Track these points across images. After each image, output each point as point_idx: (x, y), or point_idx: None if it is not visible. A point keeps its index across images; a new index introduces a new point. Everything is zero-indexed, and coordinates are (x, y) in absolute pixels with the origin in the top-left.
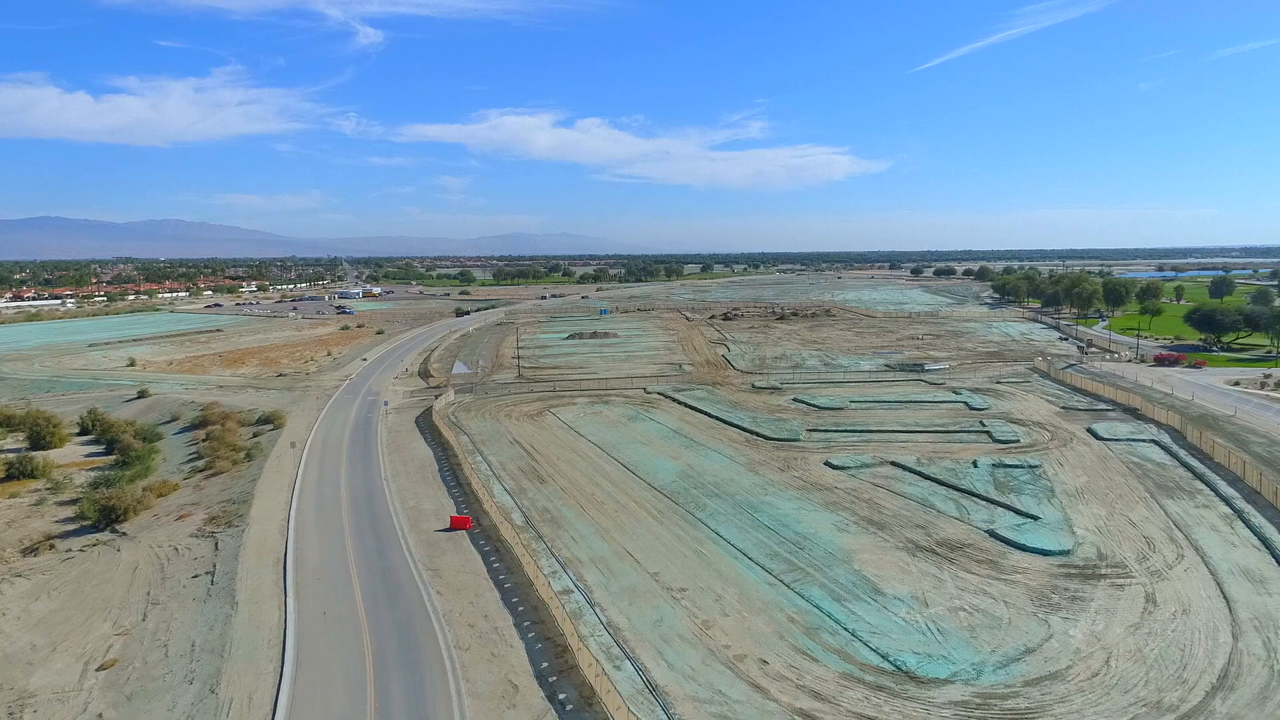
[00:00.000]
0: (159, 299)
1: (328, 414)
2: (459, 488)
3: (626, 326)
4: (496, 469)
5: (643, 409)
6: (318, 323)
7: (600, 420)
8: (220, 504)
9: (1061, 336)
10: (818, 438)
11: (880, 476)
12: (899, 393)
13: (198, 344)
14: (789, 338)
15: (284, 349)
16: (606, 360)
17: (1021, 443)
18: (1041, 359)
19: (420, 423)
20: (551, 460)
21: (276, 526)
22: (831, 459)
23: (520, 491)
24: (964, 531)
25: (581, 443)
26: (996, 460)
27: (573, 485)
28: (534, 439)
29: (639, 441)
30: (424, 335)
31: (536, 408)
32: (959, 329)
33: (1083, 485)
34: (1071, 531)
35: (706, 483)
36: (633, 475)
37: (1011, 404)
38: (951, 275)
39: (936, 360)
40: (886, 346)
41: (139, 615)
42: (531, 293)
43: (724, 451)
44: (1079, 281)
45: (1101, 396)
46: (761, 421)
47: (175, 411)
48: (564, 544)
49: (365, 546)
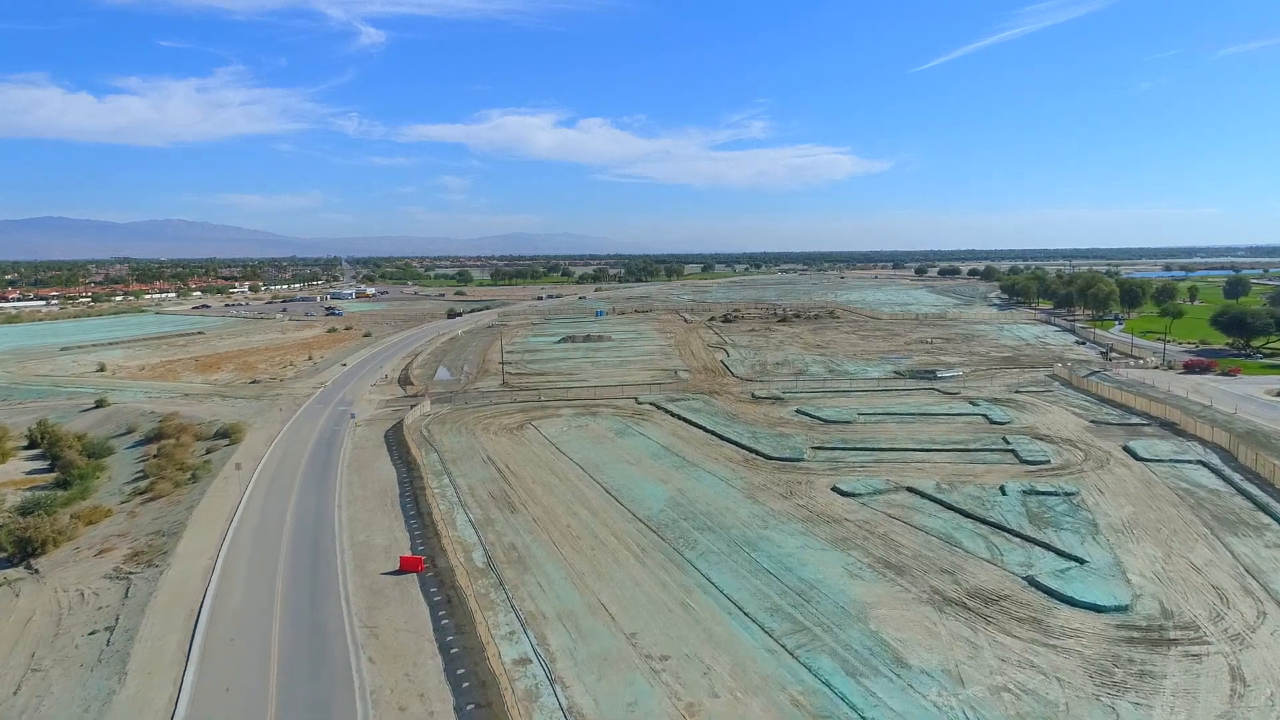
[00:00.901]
0: (146, 300)
1: (292, 427)
2: (419, 518)
3: (622, 329)
4: (464, 494)
5: (632, 422)
6: (305, 325)
7: (585, 435)
8: (148, 536)
9: (1078, 340)
10: (824, 457)
11: (896, 505)
12: (911, 404)
13: (175, 347)
14: (791, 341)
15: (264, 353)
16: (598, 366)
17: (1052, 464)
18: (1061, 365)
19: (390, 437)
20: (526, 483)
21: (201, 567)
22: (840, 483)
23: (487, 523)
24: (998, 578)
25: (562, 462)
26: (1027, 486)
27: (547, 515)
28: (510, 457)
29: (625, 461)
30: (412, 338)
31: (518, 420)
32: (969, 332)
33: (1129, 518)
34: (1126, 579)
35: (698, 512)
36: (615, 502)
37: (1035, 417)
38: (956, 275)
39: (949, 366)
40: (894, 351)
41: (11, 687)
42: (529, 293)
43: (719, 473)
44: (1094, 282)
45: (1133, 409)
46: (761, 437)
47: (132, 423)
48: (529, 593)
49: (298, 595)
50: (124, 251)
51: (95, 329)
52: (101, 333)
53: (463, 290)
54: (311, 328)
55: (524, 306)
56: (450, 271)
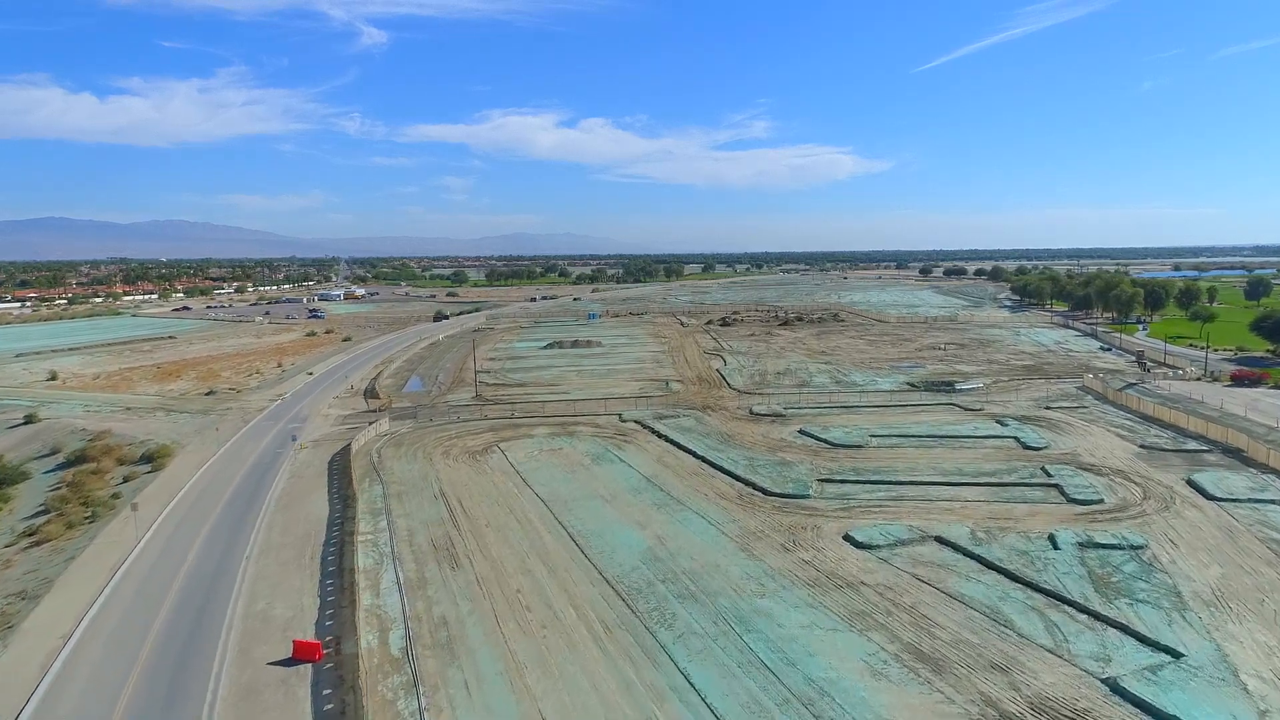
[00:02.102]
0: (125, 302)
1: (230, 449)
2: (339, 576)
3: (614, 334)
4: (400, 541)
5: (613, 445)
6: (284, 328)
7: (557, 462)
8: (6, 599)
9: (1103, 346)
10: (832, 492)
11: (924, 562)
12: (929, 423)
13: (140, 353)
14: (793, 347)
15: (233, 359)
16: (584, 375)
17: (1106, 504)
18: (1092, 376)
19: (334, 464)
20: (478, 527)
21: (47, 650)
22: (854, 531)
23: (419, 585)
24: (1069, 681)
25: (525, 498)
26: (1082, 535)
27: (495, 573)
28: (466, 490)
29: (599, 496)
30: (393, 342)
31: (484, 441)
32: (984, 336)
33: (1218, 583)
34: (1241, 684)
35: (680, 570)
36: (580, 555)
37: (1074, 440)
38: (962, 275)
39: (967, 377)
40: (906, 359)
41: None
42: (523, 294)
43: (709, 514)
44: (1115, 283)
45: (1186, 430)
46: (760, 466)
47: (59, 442)
48: (449, 699)
49: (151, 696)
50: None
51: (64, 333)
52: (68, 337)
53: (455, 291)
54: (290, 331)
55: (515, 309)
56: (446, 272)
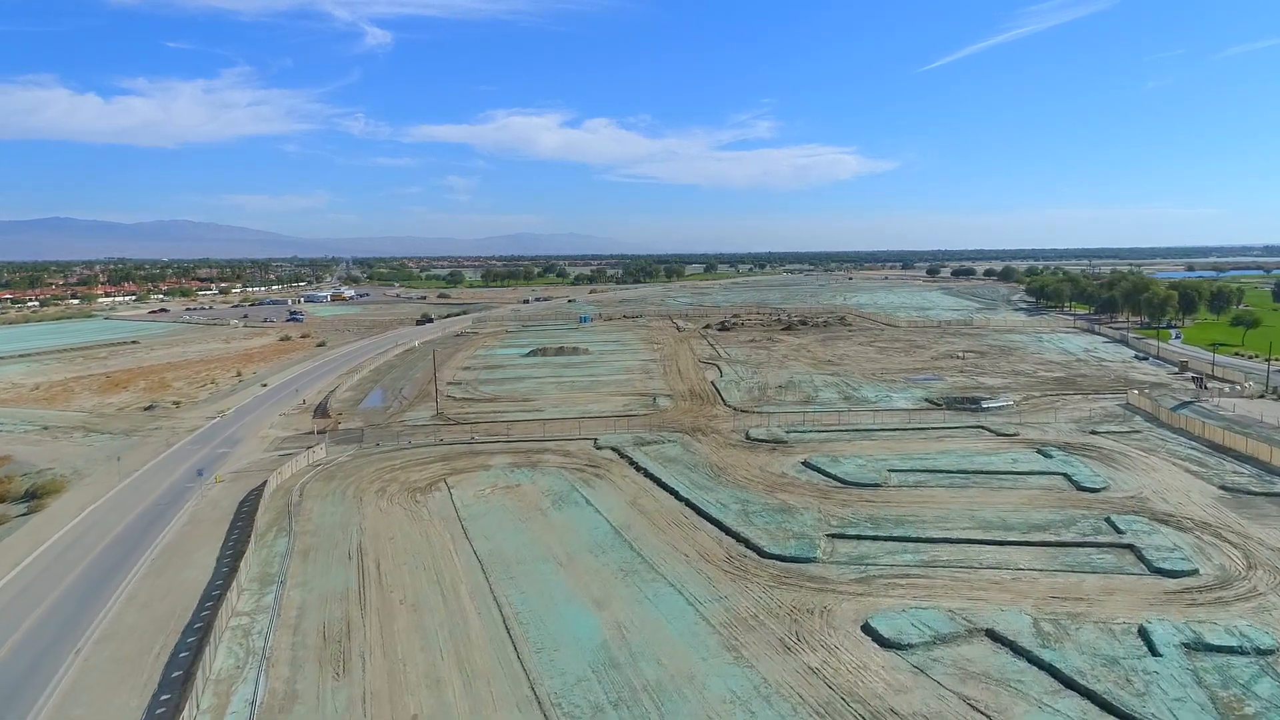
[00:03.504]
0: (100, 304)
1: (134, 483)
2: (181, 687)
3: (604, 339)
4: (283, 628)
5: (582, 480)
6: (258, 332)
7: (510, 505)
8: None
9: (1138, 355)
10: (846, 553)
11: (975, 673)
12: (957, 452)
13: (94, 360)
14: (797, 355)
15: (192, 367)
16: (564, 388)
17: (1202, 575)
18: (1137, 393)
19: (245, 506)
20: (390, 605)
21: None
22: (876, 618)
23: (282, 708)
24: None
25: (460, 557)
26: (1186, 632)
27: (390, 687)
28: (390, 546)
29: (552, 559)
30: (367, 348)
31: (432, 474)
32: (1004, 343)
33: None
34: None
35: (641, 685)
36: (512, 657)
37: (1137, 477)
38: (971, 276)
39: (993, 393)
40: (921, 369)
41: None
42: (518, 295)
43: (688, 587)
44: (1146, 285)
45: (1270, 465)
46: (755, 512)
47: None
48: None
49: None
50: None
51: (22, 337)
52: (24, 342)
53: (448, 292)
54: (264, 335)
55: (506, 311)
56: (444, 272)
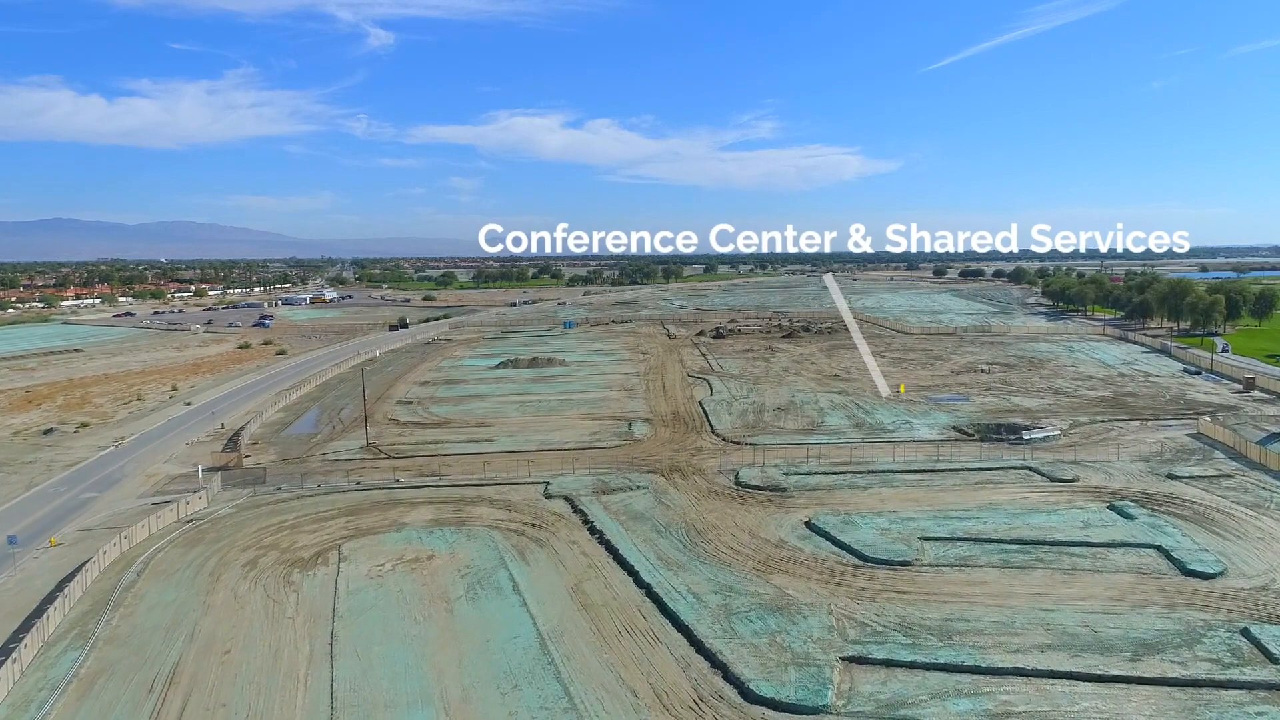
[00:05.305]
0: (62, 307)
1: None
2: None
3: (587, 347)
4: None
5: (515, 551)
6: (217, 338)
7: (409, 592)
8: None
9: (1185, 367)
10: (870, 694)
11: None
12: (1006, 507)
13: (22, 371)
14: (799, 368)
15: (129, 379)
16: (528, 410)
17: None
18: (1209, 420)
19: (55, 594)
20: None
21: None
22: None
23: None
24: None
25: (309, 689)
26: None
27: None
28: (215, 672)
29: (437, 702)
30: (327, 358)
31: (325, 537)
32: (1030, 353)
33: None
34: None
35: None
36: None
37: (1255, 550)
38: (980, 277)
39: (1033, 417)
40: (943, 386)
41: None
42: (509, 297)
43: None
44: (1186, 288)
45: None
46: (740, 612)
47: None
48: None
49: None
50: (132, 253)
51: None
52: None
53: (433, 295)
54: (222, 343)
55: (490, 314)
56: (437, 273)
